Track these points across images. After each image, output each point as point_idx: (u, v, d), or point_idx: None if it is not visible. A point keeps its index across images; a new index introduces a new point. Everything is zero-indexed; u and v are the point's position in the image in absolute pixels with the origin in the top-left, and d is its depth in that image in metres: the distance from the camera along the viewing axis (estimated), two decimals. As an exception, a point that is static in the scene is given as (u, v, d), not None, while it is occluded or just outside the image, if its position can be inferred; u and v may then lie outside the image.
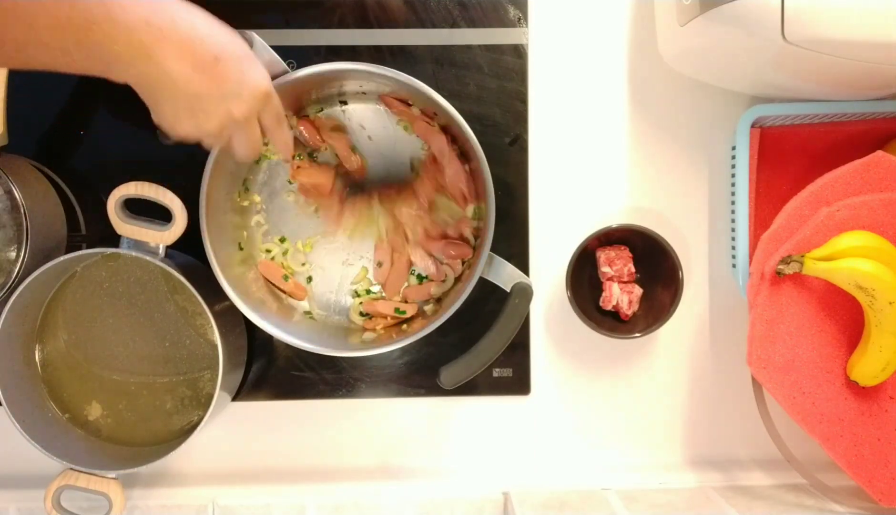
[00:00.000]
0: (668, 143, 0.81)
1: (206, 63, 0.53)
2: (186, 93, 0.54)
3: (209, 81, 0.54)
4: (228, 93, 0.56)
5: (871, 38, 0.60)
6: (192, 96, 0.54)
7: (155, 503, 0.79)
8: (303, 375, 0.81)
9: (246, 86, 0.56)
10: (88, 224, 0.79)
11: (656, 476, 0.82)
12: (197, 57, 0.53)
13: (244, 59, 0.57)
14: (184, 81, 0.53)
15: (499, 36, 0.80)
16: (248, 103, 0.57)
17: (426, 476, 0.82)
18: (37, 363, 0.76)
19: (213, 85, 0.54)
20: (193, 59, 0.53)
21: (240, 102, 0.56)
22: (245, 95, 0.56)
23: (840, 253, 0.70)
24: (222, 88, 0.55)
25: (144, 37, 0.51)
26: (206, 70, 0.54)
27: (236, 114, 0.57)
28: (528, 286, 0.71)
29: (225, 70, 0.55)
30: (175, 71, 0.53)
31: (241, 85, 0.56)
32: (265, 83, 0.58)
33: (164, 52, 0.52)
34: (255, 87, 0.57)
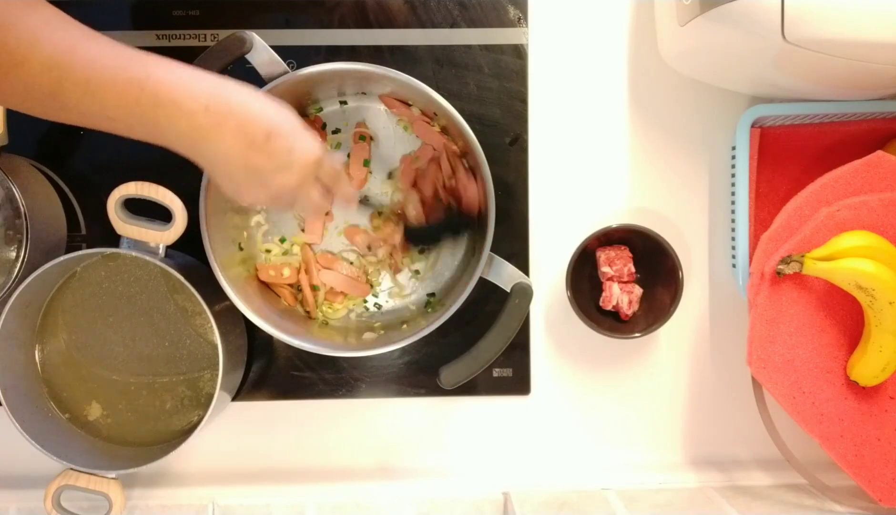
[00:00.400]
0: (668, 143, 0.81)
1: (258, 141, 0.57)
2: (242, 168, 0.58)
3: (262, 157, 0.57)
4: (280, 166, 0.59)
5: (871, 38, 0.60)
6: (247, 171, 0.58)
7: (155, 503, 0.79)
8: (303, 375, 0.81)
9: (296, 158, 0.59)
10: (88, 224, 0.79)
11: (656, 476, 0.82)
12: (250, 136, 0.56)
13: (294, 131, 0.60)
14: (238, 159, 0.57)
15: (499, 36, 0.80)
16: (298, 173, 0.60)
17: (426, 476, 0.82)
18: (37, 363, 0.76)
19: (266, 160, 0.58)
20: (247, 139, 0.56)
21: (290, 173, 0.59)
22: (295, 166, 0.59)
23: (840, 253, 0.70)
24: (274, 161, 0.58)
25: (203, 121, 0.55)
26: (259, 147, 0.57)
27: (289, 184, 0.60)
28: (528, 286, 0.71)
29: (276, 146, 0.58)
30: (231, 150, 0.56)
31: (291, 157, 0.59)
32: (314, 152, 0.61)
33: (221, 134, 0.55)
34: (305, 157, 0.60)
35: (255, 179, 0.59)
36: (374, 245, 0.78)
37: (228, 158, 0.57)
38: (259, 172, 0.58)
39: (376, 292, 0.79)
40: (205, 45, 0.78)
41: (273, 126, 0.58)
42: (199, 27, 0.78)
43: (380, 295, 0.79)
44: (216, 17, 0.78)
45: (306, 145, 0.60)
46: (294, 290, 0.78)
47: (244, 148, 0.56)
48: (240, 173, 0.58)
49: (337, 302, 0.77)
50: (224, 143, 0.56)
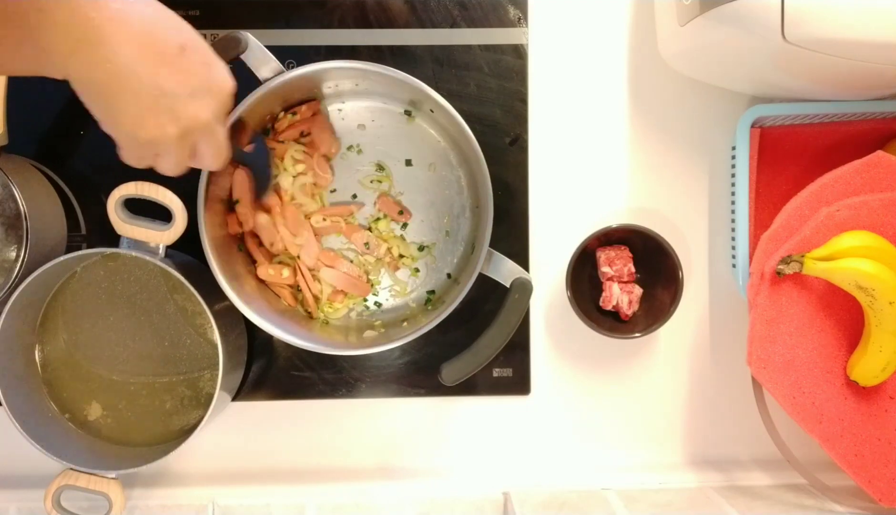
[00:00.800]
0: (668, 143, 0.81)
1: (170, 53, 0.46)
2: (149, 87, 0.46)
3: (176, 74, 0.47)
4: (197, 89, 0.49)
5: (871, 38, 0.60)
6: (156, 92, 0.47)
7: (155, 503, 0.79)
8: (303, 375, 0.81)
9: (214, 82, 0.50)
10: (88, 224, 0.79)
11: (656, 476, 0.82)
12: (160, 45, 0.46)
13: (208, 52, 0.51)
14: (147, 74, 0.45)
15: (499, 36, 0.80)
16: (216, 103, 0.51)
17: (426, 476, 0.82)
18: (37, 363, 0.76)
19: (180, 79, 0.47)
20: (156, 48, 0.45)
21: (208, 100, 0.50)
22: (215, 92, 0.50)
23: (840, 253, 0.70)
24: (189, 83, 0.48)
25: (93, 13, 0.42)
26: (170, 62, 0.47)
27: (204, 114, 0.50)
28: (528, 282, 0.71)
29: (191, 63, 0.48)
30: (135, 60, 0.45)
31: (210, 81, 0.50)
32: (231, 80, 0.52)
33: (122, 39, 0.44)
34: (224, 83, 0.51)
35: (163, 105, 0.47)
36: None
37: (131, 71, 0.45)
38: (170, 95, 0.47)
39: (376, 290, 0.79)
40: (205, 45, 0.78)
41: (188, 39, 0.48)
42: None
43: (380, 293, 0.79)
44: (216, 17, 0.78)
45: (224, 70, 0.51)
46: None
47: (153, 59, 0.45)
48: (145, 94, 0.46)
49: (337, 301, 0.77)
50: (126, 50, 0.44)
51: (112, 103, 0.47)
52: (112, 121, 0.48)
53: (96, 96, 0.46)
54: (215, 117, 0.51)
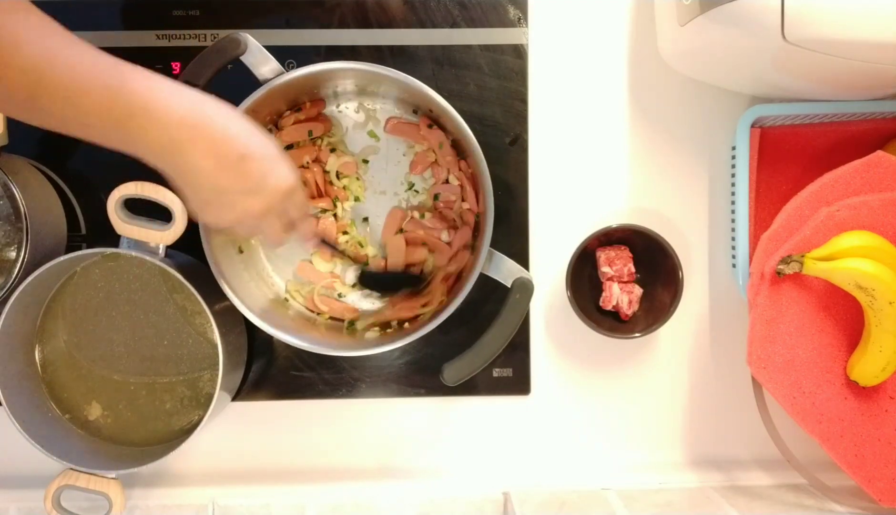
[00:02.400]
0: (668, 143, 0.81)
1: (231, 161, 0.56)
2: (210, 186, 0.57)
3: (233, 177, 0.57)
4: (249, 189, 0.58)
5: (871, 38, 0.60)
6: (215, 190, 0.57)
7: (155, 503, 0.79)
8: (303, 375, 0.81)
9: (268, 184, 0.59)
10: (88, 224, 0.79)
11: (656, 476, 0.82)
12: (223, 154, 0.56)
13: (270, 158, 0.59)
14: (208, 176, 0.56)
15: (499, 36, 0.80)
16: (266, 200, 0.59)
17: (426, 476, 0.82)
18: (37, 363, 0.76)
19: (236, 181, 0.57)
20: (219, 156, 0.55)
21: (259, 198, 0.59)
22: (266, 192, 0.59)
23: (840, 253, 0.70)
24: (244, 184, 0.58)
25: (177, 134, 0.54)
26: (231, 167, 0.56)
27: (254, 209, 0.59)
28: (529, 281, 0.71)
29: (249, 168, 0.57)
30: (201, 166, 0.55)
31: (263, 182, 0.58)
32: (288, 181, 0.60)
33: (195, 148, 0.54)
34: (277, 185, 0.59)
35: (221, 200, 0.58)
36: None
37: (197, 174, 0.56)
38: (226, 192, 0.57)
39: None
40: (204, 45, 0.78)
41: (248, 148, 0.57)
42: (199, 27, 0.78)
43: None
44: (216, 17, 0.78)
45: (281, 173, 0.60)
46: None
47: (215, 166, 0.56)
48: (207, 191, 0.57)
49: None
50: (195, 158, 0.55)
51: (184, 189, 0.58)
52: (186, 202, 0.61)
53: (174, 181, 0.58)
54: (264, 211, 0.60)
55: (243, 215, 0.59)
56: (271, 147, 0.60)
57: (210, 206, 0.59)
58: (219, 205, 0.59)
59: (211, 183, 0.57)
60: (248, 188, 0.58)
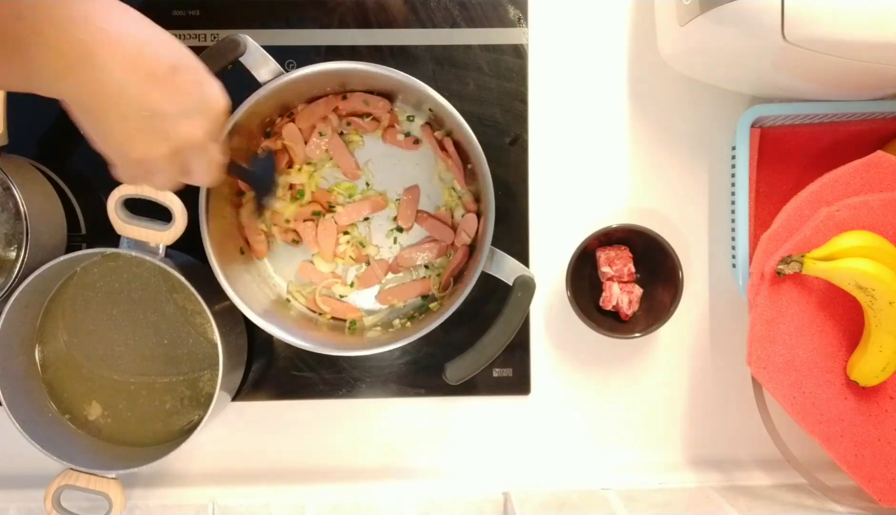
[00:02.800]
0: (668, 143, 0.81)
1: (161, 73, 0.46)
2: (140, 109, 0.46)
3: (166, 94, 0.47)
4: (188, 109, 0.48)
5: (871, 38, 0.60)
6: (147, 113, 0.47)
7: (155, 503, 0.79)
8: (303, 375, 0.81)
9: (206, 101, 0.50)
10: (88, 224, 0.79)
11: (656, 476, 0.82)
12: (150, 65, 0.45)
13: (201, 70, 0.50)
14: (137, 95, 0.45)
15: (499, 36, 0.80)
16: (209, 121, 0.50)
17: (426, 476, 0.82)
18: (37, 364, 0.76)
19: (171, 99, 0.47)
20: (147, 69, 0.45)
21: (200, 119, 0.49)
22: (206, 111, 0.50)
23: (840, 253, 0.70)
24: (181, 102, 0.48)
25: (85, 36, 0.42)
26: (161, 82, 0.46)
27: (196, 134, 0.50)
28: (531, 279, 0.71)
29: (183, 82, 0.47)
30: (124, 81, 0.44)
31: (202, 100, 0.49)
32: (225, 98, 0.52)
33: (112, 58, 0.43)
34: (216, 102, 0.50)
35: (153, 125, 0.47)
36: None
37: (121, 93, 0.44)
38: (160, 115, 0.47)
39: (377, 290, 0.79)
40: (205, 45, 0.78)
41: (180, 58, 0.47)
42: (199, 27, 0.78)
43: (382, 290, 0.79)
44: (216, 18, 0.78)
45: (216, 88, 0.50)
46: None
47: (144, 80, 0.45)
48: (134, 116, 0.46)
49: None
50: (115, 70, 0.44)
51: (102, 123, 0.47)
52: (102, 140, 0.48)
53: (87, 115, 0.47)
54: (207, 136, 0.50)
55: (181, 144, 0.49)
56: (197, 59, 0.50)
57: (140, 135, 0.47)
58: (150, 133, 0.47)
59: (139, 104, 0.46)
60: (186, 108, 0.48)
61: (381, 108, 0.76)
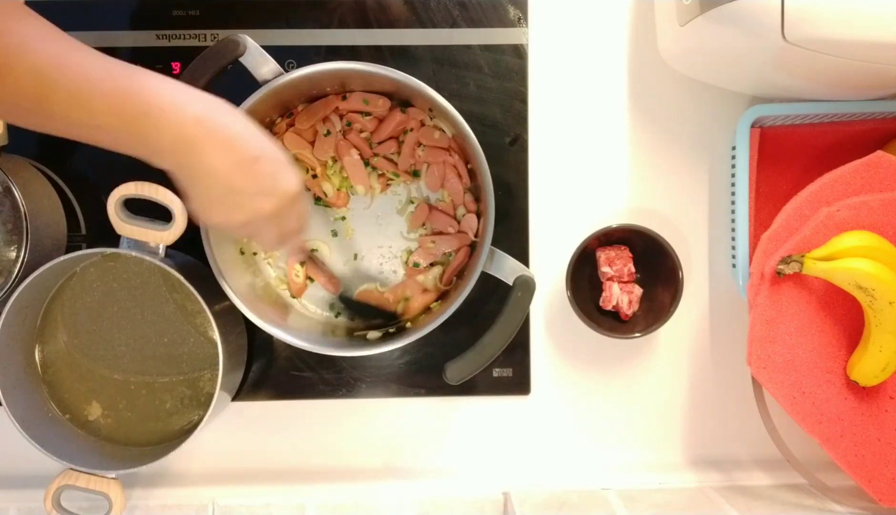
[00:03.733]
0: (668, 143, 0.81)
1: (246, 161, 0.57)
2: (224, 186, 0.57)
3: (246, 177, 0.57)
4: (262, 191, 0.59)
5: (871, 38, 0.60)
6: (228, 190, 0.57)
7: (155, 503, 0.79)
8: (303, 375, 0.81)
9: (279, 186, 0.60)
10: (88, 224, 0.79)
11: (656, 476, 0.82)
12: (238, 155, 0.56)
13: (281, 161, 0.60)
14: (223, 176, 0.56)
15: (499, 36, 0.80)
16: (276, 202, 0.60)
17: (426, 476, 0.82)
18: (37, 364, 0.76)
19: (250, 182, 0.58)
20: (235, 157, 0.56)
21: (270, 200, 0.59)
22: (277, 194, 0.60)
23: (840, 253, 0.70)
24: (257, 185, 0.58)
25: (193, 132, 0.54)
26: (245, 168, 0.57)
27: (265, 210, 0.59)
28: (531, 279, 0.71)
29: (262, 170, 0.58)
30: (216, 165, 0.56)
31: (275, 185, 0.59)
32: (297, 186, 0.61)
33: (210, 148, 0.55)
34: (287, 188, 0.60)
35: (233, 200, 0.58)
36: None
37: (212, 174, 0.56)
38: (239, 193, 0.58)
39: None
40: (205, 45, 0.78)
41: (262, 150, 0.58)
42: (199, 27, 0.78)
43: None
44: (216, 17, 0.78)
45: (291, 177, 0.61)
46: None
47: (230, 165, 0.56)
48: (220, 191, 0.57)
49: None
50: (210, 157, 0.55)
51: (192, 191, 0.58)
52: (192, 202, 0.60)
53: (184, 184, 0.58)
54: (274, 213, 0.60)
55: (253, 215, 0.60)
56: (280, 151, 0.61)
57: (221, 206, 0.59)
58: (230, 205, 0.59)
59: (224, 183, 0.57)
60: (261, 190, 0.59)
61: (381, 106, 0.75)
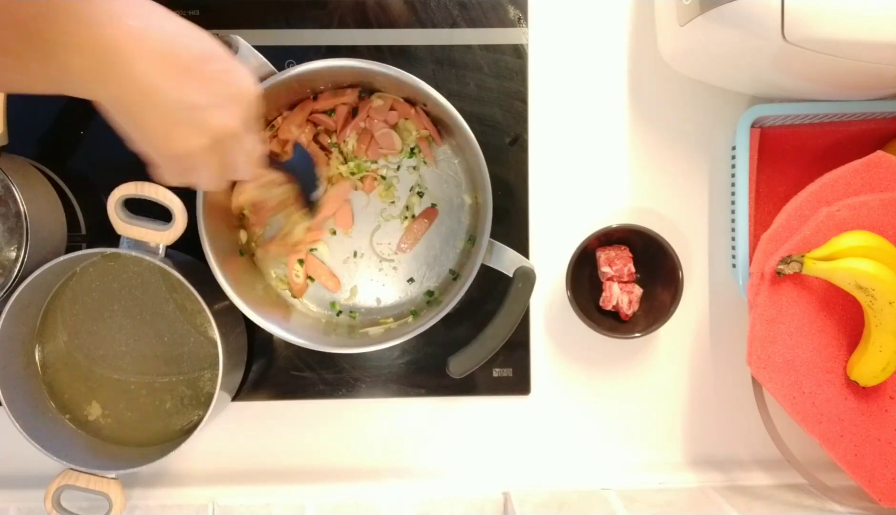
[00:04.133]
0: (668, 143, 0.81)
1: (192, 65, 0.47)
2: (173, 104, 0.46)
3: (198, 85, 0.47)
4: (222, 98, 0.49)
5: (871, 38, 0.60)
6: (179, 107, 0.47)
7: (155, 503, 0.79)
8: (303, 375, 0.81)
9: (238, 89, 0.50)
10: (88, 224, 0.79)
11: (656, 476, 0.82)
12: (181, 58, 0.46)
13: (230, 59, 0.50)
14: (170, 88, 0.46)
15: (499, 36, 0.80)
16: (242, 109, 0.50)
17: (426, 476, 0.82)
18: (37, 364, 0.76)
19: (204, 90, 0.47)
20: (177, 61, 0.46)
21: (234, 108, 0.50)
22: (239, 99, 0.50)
23: (840, 253, 0.70)
24: (214, 92, 0.48)
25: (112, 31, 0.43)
26: (193, 73, 0.47)
27: (231, 123, 0.50)
28: (531, 270, 0.70)
29: (213, 72, 0.48)
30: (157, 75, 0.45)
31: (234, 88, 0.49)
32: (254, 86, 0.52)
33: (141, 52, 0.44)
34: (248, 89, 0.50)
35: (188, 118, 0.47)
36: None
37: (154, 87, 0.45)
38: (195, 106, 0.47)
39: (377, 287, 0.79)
40: (205, 45, 0.78)
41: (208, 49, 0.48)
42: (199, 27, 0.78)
43: (381, 290, 0.79)
44: (216, 17, 0.78)
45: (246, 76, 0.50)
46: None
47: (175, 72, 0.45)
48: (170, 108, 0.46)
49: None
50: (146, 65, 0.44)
51: (139, 120, 0.47)
52: (142, 138, 0.48)
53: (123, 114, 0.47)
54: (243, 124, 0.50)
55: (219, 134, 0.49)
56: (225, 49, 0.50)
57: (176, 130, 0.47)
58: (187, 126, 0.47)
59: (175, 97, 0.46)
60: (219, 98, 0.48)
61: (349, 95, 0.75)
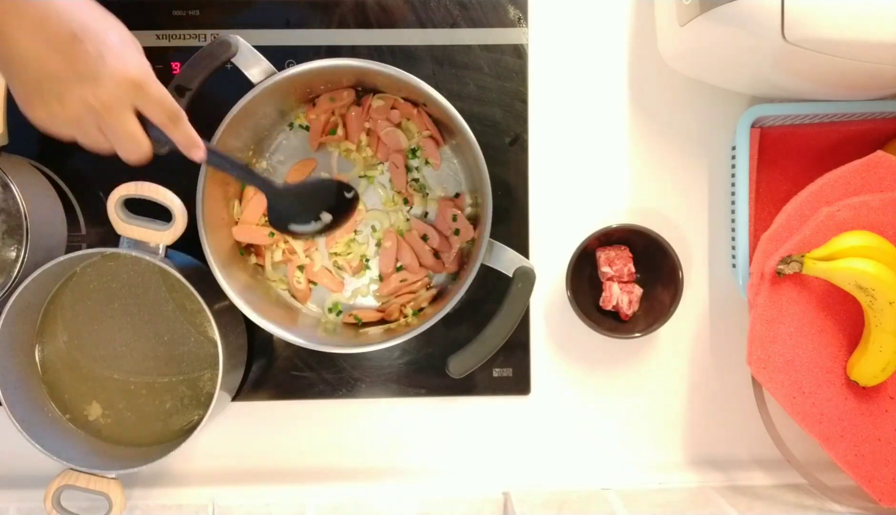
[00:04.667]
0: (668, 143, 0.81)
1: (61, 41, 0.48)
2: (37, 72, 0.48)
3: (63, 60, 0.48)
4: (83, 75, 0.49)
5: (871, 38, 0.60)
6: (43, 77, 0.48)
7: (155, 503, 0.79)
8: (303, 375, 0.81)
9: (106, 69, 0.49)
10: (88, 224, 0.79)
11: (656, 476, 0.82)
12: (51, 33, 0.47)
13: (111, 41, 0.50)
14: (34, 59, 0.47)
15: (499, 36, 0.80)
16: (107, 89, 0.49)
17: (426, 476, 0.82)
18: (37, 364, 0.76)
19: (67, 65, 0.48)
20: (48, 36, 0.47)
21: (95, 87, 0.49)
22: (104, 79, 0.49)
23: (840, 253, 0.70)
24: (77, 68, 0.48)
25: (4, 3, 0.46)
26: (60, 49, 0.48)
27: (93, 100, 0.50)
28: (531, 270, 0.71)
29: (83, 50, 0.48)
30: (25, 48, 0.47)
31: (101, 66, 0.49)
32: (133, 70, 0.51)
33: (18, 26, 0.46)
34: (118, 71, 0.50)
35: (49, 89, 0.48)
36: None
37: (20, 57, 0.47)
38: (56, 80, 0.48)
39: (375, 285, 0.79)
40: (205, 45, 0.78)
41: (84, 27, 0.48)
42: (199, 27, 0.78)
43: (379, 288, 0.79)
44: (216, 17, 0.78)
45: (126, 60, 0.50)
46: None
47: (43, 47, 0.47)
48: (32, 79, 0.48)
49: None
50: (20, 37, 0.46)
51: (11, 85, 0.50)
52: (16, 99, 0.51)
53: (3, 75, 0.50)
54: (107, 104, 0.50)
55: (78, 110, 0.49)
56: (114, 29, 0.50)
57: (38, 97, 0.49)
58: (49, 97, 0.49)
59: (37, 68, 0.48)
60: (82, 74, 0.48)
61: (346, 98, 0.75)
